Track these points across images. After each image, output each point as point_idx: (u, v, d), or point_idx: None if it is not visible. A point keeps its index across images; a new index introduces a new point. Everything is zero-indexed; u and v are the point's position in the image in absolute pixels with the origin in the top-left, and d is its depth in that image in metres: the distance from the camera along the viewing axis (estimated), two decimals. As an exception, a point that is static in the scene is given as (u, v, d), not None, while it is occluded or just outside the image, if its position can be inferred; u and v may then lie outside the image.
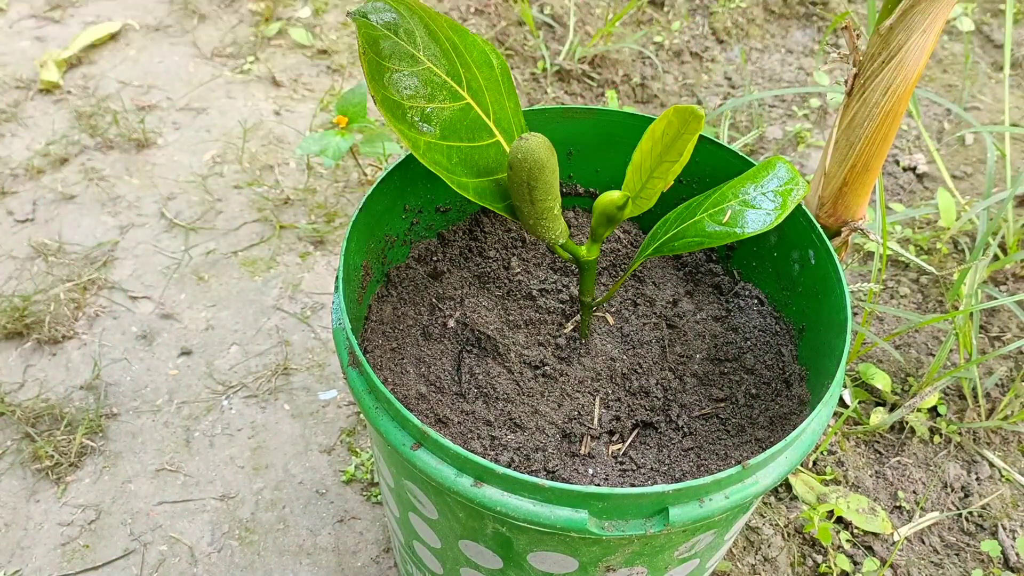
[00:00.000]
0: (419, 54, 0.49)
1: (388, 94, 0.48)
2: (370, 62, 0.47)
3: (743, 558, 0.83)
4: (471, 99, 0.51)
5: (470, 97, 0.51)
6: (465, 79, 0.51)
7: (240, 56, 1.50)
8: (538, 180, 0.47)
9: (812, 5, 1.63)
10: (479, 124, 0.52)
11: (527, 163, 0.46)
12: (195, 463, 0.92)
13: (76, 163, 1.27)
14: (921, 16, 0.60)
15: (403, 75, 0.49)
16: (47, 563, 0.83)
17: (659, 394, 0.59)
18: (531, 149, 0.46)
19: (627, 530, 0.43)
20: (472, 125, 0.51)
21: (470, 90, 0.51)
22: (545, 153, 0.46)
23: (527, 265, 0.66)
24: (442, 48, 0.51)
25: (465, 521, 0.49)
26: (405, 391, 0.56)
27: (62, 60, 1.43)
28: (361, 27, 0.48)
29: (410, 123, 0.48)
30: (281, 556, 0.84)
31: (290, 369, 1.01)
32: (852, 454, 0.92)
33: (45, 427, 0.93)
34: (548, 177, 0.47)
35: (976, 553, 0.85)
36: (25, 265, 1.12)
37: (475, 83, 0.52)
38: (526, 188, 0.48)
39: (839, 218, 0.68)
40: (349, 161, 1.28)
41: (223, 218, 1.20)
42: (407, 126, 0.48)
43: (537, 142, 0.46)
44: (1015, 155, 1.31)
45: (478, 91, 0.52)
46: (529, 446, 0.54)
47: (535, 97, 1.39)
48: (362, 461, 0.91)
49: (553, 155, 0.47)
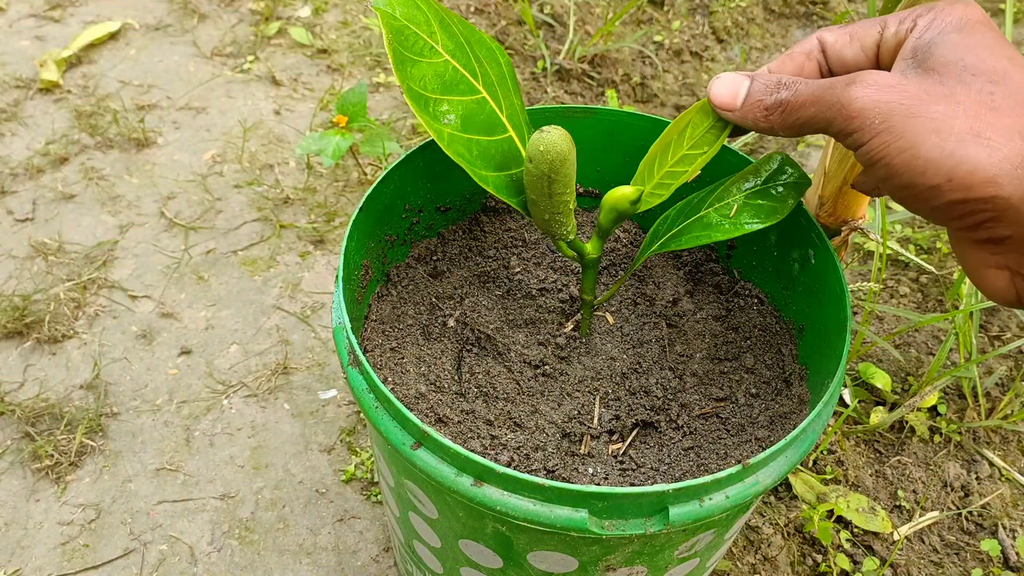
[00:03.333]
0: (438, 47, 0.50)
1: (412, 85, 0.48)
2: (395, 52, 0.48)
3: (743, 557, 0.83)
4: (486, 93, 0.51)
5: (485, 91, 0.51)
6: (480, 73, 0.51)
7: (240, 55, 1.50)
8: (559, 173, 0.47)
9: (812, 4, 1.63)
10: (494, 118, 0.52)
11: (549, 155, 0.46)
12: (195, 462, 0.92)
13: (76, 162, 1.27)
14: (921, 15, 0.60)
15: (424, 67, 0.49)
16: (47, 562, 0.83)
17: (659, 393, 0.59)
18: (554, 141, 0.46)
19: (627, 529, 0.43)
20: (488, 119, 0.51)
21: (485, 84, 0.52)
22: (567, 145, 0.46)
23: (527, 264, 0.66)
24: (456, 42, 0.51)
25: (465, 520, 0.49)
26: (405, 390, 0.56)
27: (62, 59, 1.43)
28: (384, 17, 0.48)
29: (433, 114, 0.49)
30: (281, 555, 0.84)
31: (290, 368, 1.01)
32: (852, 453, 0.92)
33: (45, 426, 0.93)
34: (568, 170, 0.47)
35: (976, 552, 0.85)
36: (25, 264, 1.12)
37: (487, 78, 0.52)
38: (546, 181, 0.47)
39: (839, 217, 0.68)
40: (349, 160, 1.28)
41: (223, 217, 1.20)
42: (431, 117, 0.49)
43: (560, 134, 0.46)
44: (1015, 154, 1.31)
45: (490, 86, 0.52)
46: (529, 445, 0.54)
47: (535, 96, 1.39)
48: (362, 460, 0.91)
49: (573, 148, 0.47)
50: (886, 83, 0.37)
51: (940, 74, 0.37)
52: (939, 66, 0.37)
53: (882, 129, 0.36)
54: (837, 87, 0.38)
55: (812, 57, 0.44)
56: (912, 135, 0.35)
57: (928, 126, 0.35)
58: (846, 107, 0.37)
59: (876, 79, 0.37)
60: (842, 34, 0.43)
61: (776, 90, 0.42)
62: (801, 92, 0.41)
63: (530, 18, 1.47)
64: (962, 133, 0.35)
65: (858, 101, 0.37)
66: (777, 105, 0.42)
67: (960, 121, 0.35)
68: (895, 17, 0.41)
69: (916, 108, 0.36)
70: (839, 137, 0.39)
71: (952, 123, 0.35)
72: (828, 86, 0.39)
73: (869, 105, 0.37)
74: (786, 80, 0.42)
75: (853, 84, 0.38)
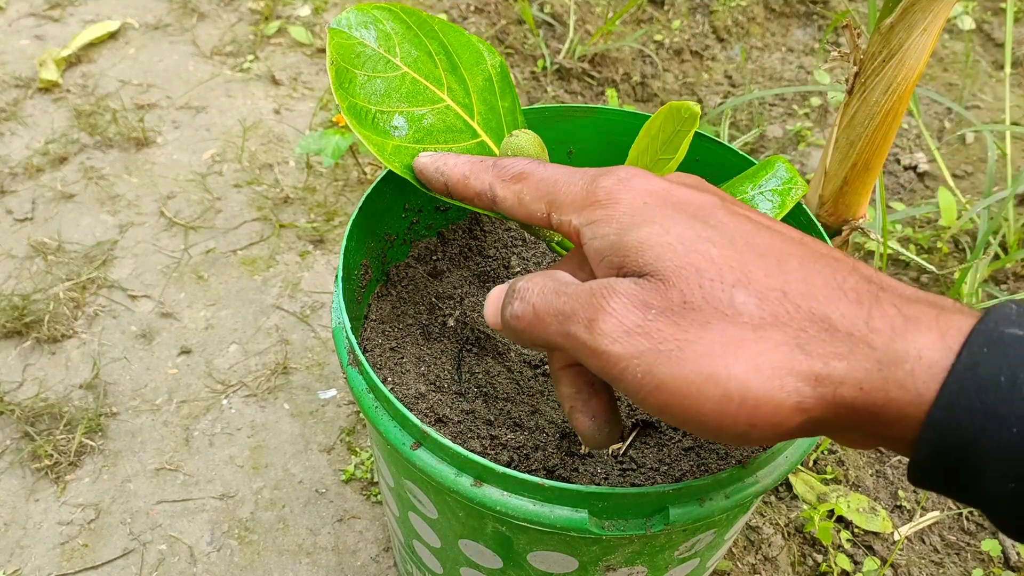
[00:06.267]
0: (395, 60, 0.50)
1: (357, 101, 0.48)
2: (338, 71, 0.48)
3: (743, 557, 0.83)
4: (452, 100, 0.51)
5: (451, 99, 0.51)
6: (447, 81, 0.51)
7: (239, 55, 1.50)
8: None
9: (813, 4, 1.63)
10: (460, 125, 0.51)
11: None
12: (195, 462, 0.92)
13: (75, 162, 1.27)
14: (922, 14, 0.60)
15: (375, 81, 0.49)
16: (46, 562, 0.83)
17: (659, 393, 0.58)
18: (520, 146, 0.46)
19: (627, 529, 0.43)
20: (451, 126, 0.51)
21: (451, 92, 0.52)
22: (535, 149, 0.46)
23: (527, 264, 0.66)
24: (425, 52, 0.51)
25: (465, 520, 0.49)
26: (405, 390, 0.56)
27: (61, 59, 1.43)
28: (333, 37, 0.48)
29: (379, 128, 0.48)
30: (281, 555, 0.84)
31: (290, 368, 1.01)
32: (853, 453, 0.92)
33: (44, 426, 0.93)
34: None
35: (976, 552, 0.85)
36: (24, 264, 1.12)
37: (460, 84, 0.52)
38: None
39: (840, 217, 0.68)
40: (349, 160, 1.28)
41: (222, 217, 1.20)
42: (374, 131, 0.48)
43: (528, 139, 0.46)
44: (1016, 154, 1.31)
45: (462, 92, 0.52)
46: (529, 445, 0.54)
47: (535, 96, 1.39)
48: (362, 460, 0.91)
49: (544, 152, 0.47)
50: (632, 323, 0.31)
51: (672, 288, 0.31)
52: (662, 275, 0.31)
53: (649, 385, 0.31)
54: (579, 322, 0.32)
55: (482, 199, 0.41)
56: (685, 386, 0.30)
57: (700, 373, 0.30)
58: (598, 354, 0.31)
59: (617, 317, 0.31)
60: (510, 193, 0.39)
61: (510, 300, 0.36)
62: (539, 309, 0.34)
63: (530, 17, 1.46)
64: (740, 370, 0.29)
65: (609, 350, 0.31)
66: (513, 319, 0.36)
67: (732, 356, 0.29)
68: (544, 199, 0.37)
69: (676, 354, 0.30)
70: (601, 377, 0.33)
71: (725, 361, 0.30)
72: (567, 314, 0.33)
73: (622, 354, 0.31)
74: (521, 287, 0.35)
75: (595, 324, 0.31)
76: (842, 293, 0.30)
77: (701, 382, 0.30)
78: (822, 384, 0.29)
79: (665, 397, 0.30)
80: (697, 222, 0.33)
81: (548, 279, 0.35)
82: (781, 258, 0.31)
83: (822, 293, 0.30)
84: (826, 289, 0.30)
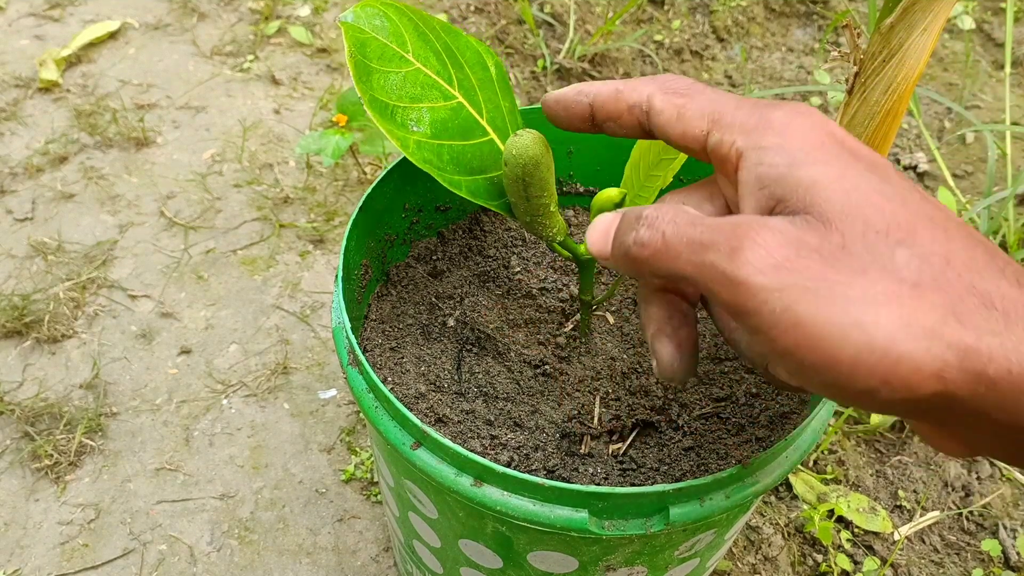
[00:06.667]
0: (408, 56, 0.50)
1: (376, 95, 0.48)
2: (357, 64, 0.48)
3: (743, 557, 0.83)
4: (463, 98, 0.51)
5: (462, 96, 0.51)
6: (456, 79, 0.52)
7: (240, 55, 1.50)
8: (533, 176, 0.47)
9: (813, 4, 1.63)
10: (471, 123, 0.52)
11: (521, 159, 0.46)
12: (195, 462, 0.92)
13: (75, 162, 1.27)
14: (922, 14, 0.60)
15: (391, 76, 0.49)
16: (46, 562, 0.83)
17: (659, 393, 0.58)
18: (526, 146, 0.46)
19: (627, 529, 0.43)
20: (464, 124, 0.51)
21: (462, 89, 0.52)
22: (540, 149, 0.46)
23: (527, 264, 0.66)
24: (432, 49, 0.51)
25: (465, 520, 0.49)
26: (405, 390, 0.56)
27: (61, 59, 1.43)
28: (348, 31, 0.48)
29: (399, 123, 0.49)
30: (281, 555, 0.84)
31: (290, 368, 1.00)
32: (853, 453, 0.92)
33: (44, 426, 0.93)
34: (543, 174, 0.47)
35: (976, 552, 0.85)
36: (24, 264, 1.12)
37: (467, 83, 0.52)
38: (521, 185, 0.47)
39: (840, 217, 0.68)
40: (349, 160, 1.28)
41: (222, 217, 1.20)
42: (396, 126, 0.48)
43: (532, 138, 0.46)
44: (1016, 154, 1.31)
45: (470, 90, 0.52)
46: (529, 445, 0.54)
47: (535, 96, 1.39)
48: (362, 460, 0.91)
49: (548, 151, 0.47)
50: (782, 256, 0.30)
51: (834, 231, 0.30)
52: (825, 217, 0.30)
53: (786, 322, 0.29)
54: (719, 251, 0.31)
55: (633, 113, 0.39)
56: (827, 328, 0.29)
57: (846, 317, 0.28)
58: (736, 284, 0.30)
59: (766, 248, 0.30)
60: (670, 105, 0.38)
61: (634, 226, 0.34)
62: (669, 238, 0.32)
63: (530, 17, 1.46)
64: (890, 324, 0.28)
65: (751, 280, 0.30)
66: (637, 246, 0.34)
67: (884, 307, 0.28)
68: (708, 117, 0.36)
69: (825, 293, 0.29)
70: (728, 311, 0.31)
71: (876, 311, 0.28)
72: (706, 244, 0.31)
73: (766, 285, 0.29)
74: (649, 214, 0.34)
75: (739, 253, 0.30)
76: (1003, 275, 0.30)
77: (845, 326, 0.28)
78: (969, 358, 0.28)
79: (799, 336, 0.29)
80: (875, 176, 0.32)
81: (678, 210, 0.33)
82: (948, 228, 0.31)
83: (985, 270, 0.30)
84: (988, 268, 0.30)
